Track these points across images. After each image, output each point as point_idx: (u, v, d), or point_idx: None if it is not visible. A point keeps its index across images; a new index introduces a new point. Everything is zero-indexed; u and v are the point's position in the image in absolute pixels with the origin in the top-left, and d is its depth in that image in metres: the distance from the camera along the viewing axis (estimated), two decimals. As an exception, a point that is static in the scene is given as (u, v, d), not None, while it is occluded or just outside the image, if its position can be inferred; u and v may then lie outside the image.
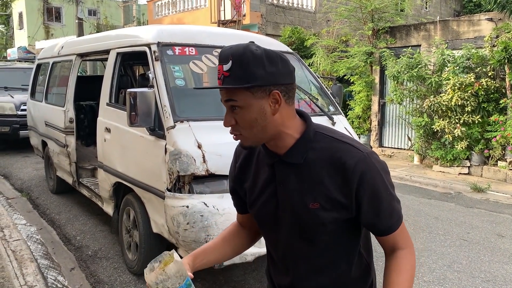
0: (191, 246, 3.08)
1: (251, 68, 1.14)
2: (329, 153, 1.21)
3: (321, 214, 1.21)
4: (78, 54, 5.34)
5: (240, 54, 1.14)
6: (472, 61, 7.97)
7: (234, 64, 1.14)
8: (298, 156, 1.23)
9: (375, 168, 1.20)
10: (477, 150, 7.90)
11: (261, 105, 1.17)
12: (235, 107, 1.18)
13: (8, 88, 10.15)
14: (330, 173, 1.20)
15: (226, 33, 4.48)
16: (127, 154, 3.84)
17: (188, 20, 14.43)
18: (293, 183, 1.25)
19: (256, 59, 1.14)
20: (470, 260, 4.31)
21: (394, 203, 1.25)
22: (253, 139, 1.22)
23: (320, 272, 1.31)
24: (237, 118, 1.19)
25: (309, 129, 1.25)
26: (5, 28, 34.55)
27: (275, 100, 1.17)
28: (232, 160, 1.45)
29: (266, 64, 1.15)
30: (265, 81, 1.15)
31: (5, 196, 6.29)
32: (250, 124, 1.18)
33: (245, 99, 1.16)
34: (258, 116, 1.18)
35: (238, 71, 1.14)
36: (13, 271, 3.67)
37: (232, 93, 1.17)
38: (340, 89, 4.69)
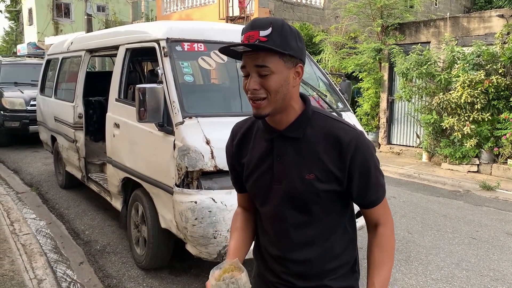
0: (199, 242, 3.10)
1: (289, 38, 1.25)
2: (325, 130, 1.32)
3: (316, 184, 1.31)
4: (87, 50, 5.36)
5: (280, 24, 1.25)
6: (483, 58, 7.89)
7: (274, 32, 1.23)
8: (298, 131, 1.33)
9: (366, 145, 1.32)
10: (486, 148, 7.84)
11: (288, 74, 1.27)
12: (265, 73, 1.24)
13: (18, 83, 10.23)
14: (325, 147, 1.31)
15: (235, 29, 4.47)
16: (135, 149, 3.86)
17: (196, 16, 14.43)
18: (291, 156, 1.34)
19: (292, 32, 1.27)
20: (479, 259, 4.28)
21: (380, 178, 1.37)
22: (274, 105, 1.28)
23: (310, 244, 1.38)
24: (264, 83, 1.26)
25: (308, 108, 1.35)
26: (15, 24, 34.79)
27: (297, 73, 1.30)
28: (229, 138, 1.52)
29: (297, 39, 1.28)
30: (296, 54, 1.27)
31: (15, 190, 6.36)
32: (276, 89, 1.26)
33: (278, 66, 1.25)
34: (284, 83, 1.27)
35: (277, 38, 1.23)
36: (23, 265, 3.71)
37: (266, 58, 1.24)
38: (349, 86, 4.67)
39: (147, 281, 3.69)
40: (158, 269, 3.84)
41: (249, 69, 1.26)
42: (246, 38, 1.24)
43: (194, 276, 3.78)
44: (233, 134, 1.51)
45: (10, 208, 5.25)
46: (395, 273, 3.93)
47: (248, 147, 1.45)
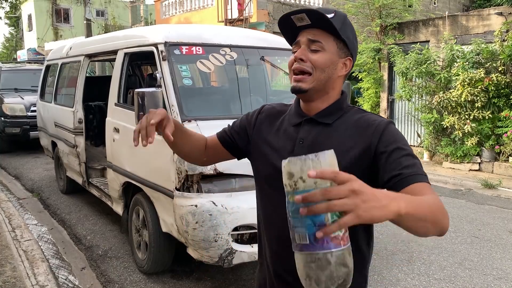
0: (200, 245, 3.09)
1: (348, 29, 1.28)
2: (355, 119, 1.30)
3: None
4: (86, 55, 5.36)
5: (343, 15, 1.29)
6: (482, 56, 7.89)
7: (336, 17, 1.25)
8: (329, 117, 1.31)
9: (397, 131, 1.26)
10: (487, 146, 7.82)
11: (337, 59, 1.28)
12: (317, 49, 1.25)
13: (18, 89, 10.25)
14: (353, 134, 1.26)
15: (233, 32, 4.47)
16: (135, 154, 3.86)
17: (195, 19, 14.45)
18: (315, 140, 1.29)
19: (351, 27, 1.31)
20: (482, 258, 4.27)
21: (416, 162, 1.18)
22: (317, 82, 1.27)
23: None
24: (312, 58, 1.25)
25: (343, 100, 1.34)
26: (15, 30, 34.89)
27: (345, 64, 1.30)
28: (255, 111, 1.49)
29: (353, 35, 1.32)
30: (350, 45, 1.29)
31: (16, 196, 6.36)
32: (322, 67, 1.26)
33: (330, 46, 1.26)
34: (331, 65, 1.27)
35: (339, 23, 1.24)
36: (24, 271, 3.70)
37: (322, 35, 1.25)
38: (348, 86, 4.65)
39: (149, 286, 3.68)
40: (160, 273, 3.83)
41: (302, 42, 1.27)
42: (308, 13, 1.24)
43: (196, 279, 3.78)
44: (260, 110, 1.48)
45: (12, 214, 5.24)
46: (398, 273, 3.92)
47: (271, 127, 1.40)
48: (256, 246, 1.48)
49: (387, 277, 3.85)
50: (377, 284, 3.73)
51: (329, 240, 0.88)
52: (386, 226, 5.13)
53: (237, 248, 3.11)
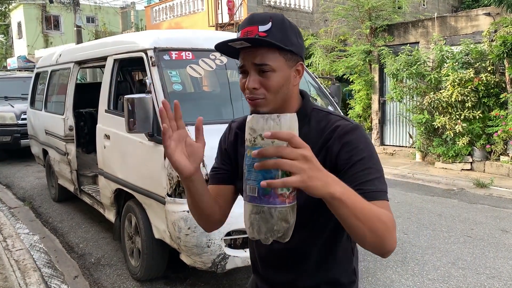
0: (192, 251, 3.08)
1: (289, 34, 1.17)
2: (322, 124, 1.23)
3: None
4: (76, 62, 5.34)
5: (281, 19, 1.17)
6: (471, 56, 7.95)
7: (274, 27, 1.15)
8: None
9: (363, 138, 1.18)
10: (479, 145, 7.88)
11: (288, 73, 1.20)
12: (265, 70, 1.16)
13: (8, 97, 10.18)
14: (320, 141, 1.20)
15: (223, 36, 4.47)
16: (126, 160, 3.84)
17: (186, 24, 14.44)
18: None
19: (292, 28, 1.19)
20: (475, 257, 4.29)
21: (381, 178, 1.15)
22: (273, 104, 1.20)
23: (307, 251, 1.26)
24: (264, 82, 1.17)
25: (306, 105, 1.27)
26: (4, 38, 34.66)
27: (297, 71, 1.22)
28: (225, 132, 1.43)
29: (297, 35, 1.20)
30: (297, 50, 1.19)
31: (8, 205, 6.30)
32: (277, 89, 1.18)
33: (279, 63, 1.17)
34: (285, 83, 1.19)
35: (277, 33, 1.15)
36: (16, 281, 3.66)
37: (266, 55, 1.15)
38: (339, 89, 4.68)
39: (142, 293, 3.66)
40: (153, 280, 3.80)
41: (247, 67, 1.18)
42: (244, 34, 1.16)
43: (190, 285, 3.76)
44: (229, 128, 1.43)
45: (3, 224, 5.19)
46: (392, 274, 3.93)
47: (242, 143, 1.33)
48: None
49: (381, 279, 3.85)
50: (371, 286, 3.73)
51: (276, 197, 0.95)
52: (379, 227, 5.14)
53: (230, 253, 3.10)
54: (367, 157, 1.15)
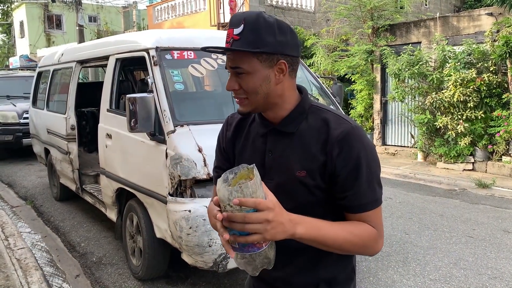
0: (194, 250, 3.08)
1: (262, 34, 1.16)
2: (319, 123, 1.23)
3: (307, 181, 1.21)
4: (78, 61, 5.35)
5: (253, 19, 1.16)
6: (473, 56, 7.94)
7: (245, 28, 1.15)
8: (292, 125, 1.25)
9: (360, 141, 1.19)
10: (480, 145, 7.86)
11: (267, 73, 1.19)
12: (240, 73, 1.19)
13: (10, 96, 10.20)
14: (317, 140, 1.21)
15: (225, 36, 4.47)
16: (128, 159, 3.84)
17: (188, 23, 14.44)
18: (283, 151, 1.26)
19: (268, 26, 1.17)
20: (476, 257, 4.28)
21: (374, 183, 1.21)
22: (255, 105, 1.23)
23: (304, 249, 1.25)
24: (241, 84, 1.21)
25: (304, 101, 1.28)
26: (6, 37, 34.72)
27: (280, 70, 1.20)
28: (222, 128, 1.45)
29: (276, 33, 1.17)
30: (274, 49, 1.17)
31: (10, 204, 6.31)
32: (254, 90, 1.20)
33: (252, 65, 1.18)
34: (262, 83, 1.20)
35: (249, 35, 1.15)
36: (18, 280, 3.67)
37: (239, 58, 1.18)
38: (341, 89, 4.67)
39: (144, 292, 3.66)
40: (154, 279, 3.81)
41: (228, 69, 1.23)
42: (226, 36, 1.20)
43: (191, 285, 3.76)
44: (227, 123, 1.44)
45: (5, 223, 5.20)
46: (393, 274, 3.92)
47: (240, 139, 1.37)
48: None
49: (383, 279, 3.84)
50: (372, 286, 3.73)
51: (253, 245, 1.09)
52: (381, 227, 5.13)
53: (232, 252, 3.10)
54: (362, 165, 1.18)
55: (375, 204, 1.21)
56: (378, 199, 1.21)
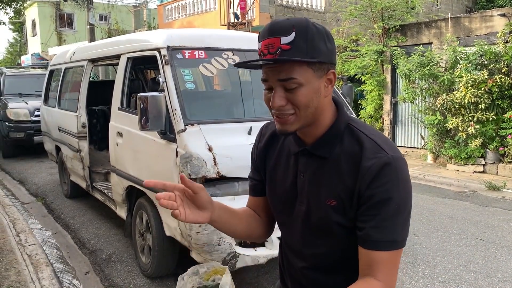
0: (203, 249, 3.09)
1: (316, 41, 1.05)
2: (355, 148, 1.11)
3: (335, 212, 1.12)
4: (89, 60, 5.39)
5: (305, 26, 1.05)
6: (485, 57, 7.87)
7: (298, 37, 1.03)
8: (326, 149, 1.14)
9: (395, 175, 1.06)
10: (491, 147, 7.79)
11: (318, 84, 1.08)
12: (292, 86, 1.06)
13: (22, 94, 10.31)
14: (350, 169, 1.10)
15: (235, 36, 4.49)
16: (139, 158, 3.87)
17: (198, 23, 14.49)
18: (315, 175, 1.16)
19: (319, 33, 1.06)
20: (487, 260, 4.25)
21: (397, 223, 1.07)
22: (303, 121, 1.10)
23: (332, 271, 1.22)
24: (292, 98, 1.07)
25: (340, 119, 1.15)
26: (19, 36, 35.08)
27: (329, 80, 1.11)
28: (256, 139, 1.37)
29: (327, 39, 1.08)
30: (326, 58, 1.08)
31: (21, 201, 6.38)
32: (306, 104, 1.07)
33: (306, 76, 1.06)
34: (314, 96, 1.08)
35: (303, 44, 1.03)
36: (29, 275, 3.71)
37: (291, 69, 1.05)
38: (351, 89, 4.66)
39: (153, 290, 3.68)
40: (163, 277, 3.83)
41: (272, 82, 1.08)
42: (265, 47, 1.05)
43: (200, 283, 3.77)
44: (260, 134, 1.35)
45: (16, 219, 5.26)
46: (402, 276, 3.91)
47: (275, 151, 1.29)
48: (259, 249, 1.48)
49: None
50: (381, 287, 3.71)
51: None
52: (390, 228, 5.11)
53: (241, 251, 3.11)
54: (389, 200, 1.06)
55: (392, 246, 1.06)
56: (397, 241, 1.07)
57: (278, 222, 1.34)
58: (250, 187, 1.40)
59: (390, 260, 1.07)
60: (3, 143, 9.90)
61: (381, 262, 1.06)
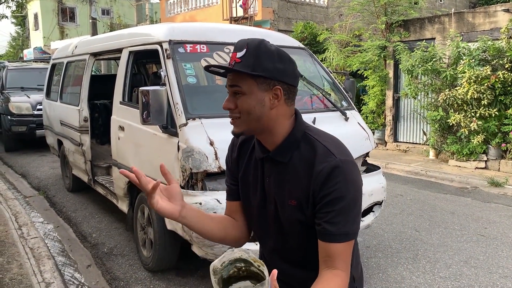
0: (204, 243, 3.10)
1: (262, 59, 1.23)
2: (309, 154, 1.26)
3: (297, 211, 1.28)
4: (91, 54, 5.38)
5: (255, 45, 1.23)
6: (488, 53, 7.82)
7: (247, 52, 1.23)
8: (284, 155, 1.30)
9: (344, 176, 1.21)
10: (494, 143, 7.77)
11: (262, 96, 1.25)
12: (238, 93, 1.25)
13: (24, 88, 10.31)
14: (306, 172, 1.25)
15: (237, 30, 4.47)
16: (140, 151, 3.87)
17: (200, 17, 14.45)
18: (277, 179, 1.32)
19: (268, 53, 1.23)
20: (488, 256, 4.25)
21: (349, 218, 1.22)
22: (247, 126, 1.28)
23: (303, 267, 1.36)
24: (238, 103, 1.26)
25: (296, 128, 1.31)
26: (21, 29, 35.07)
27: (275, 95, 1.26)
28: (229, 149, 1.52)
29: (275, 60, 1.24)
30: (271, 75, 1.23)
31: (23, 194, 6.40)
32: (248, 110, 1.25)
33: (249, 86, 1.24)
34: (256, 105, 1.25)
35: (250, 59, 1.22)
36: (31, 268, 3.73)
37: (239, 78, 1.24)
38: (353, 84, 4.65)
39: (154, 283, 3.69)
40: (165, 271, 3.84)
41: (228, 88, 1.29)
42: (230, 59, 1.27)
43: (201, 277, 3.79)
44: (232, 144, 1.51)
45: (18, 212, 5.28)
46: (403, 271, 3.91)
47: (243, 160, 1.44)
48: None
49: (392, 275, 3.84)
50: (382, 282, 3.73)
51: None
52: (391, 224, 5.12)
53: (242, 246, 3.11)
54: (340, 198, 1.20)
55: (346, 238, 1.22)
56: (349, 233, 1.22)
57: (252, 224, 1.48)
58: (227, 192, 1.53)
59: (345, 251, 1.23)
60: (5, 136, 9.92)
61: (338, 253, 1.22)
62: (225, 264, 1.09)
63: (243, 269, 1.12)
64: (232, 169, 1.49)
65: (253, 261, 1.08)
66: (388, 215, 5.40)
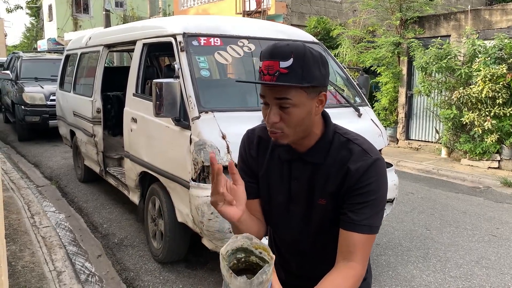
0: (215, 236, 3.11)
1: (312, 68, 1.16)
2: (342, 154, 1.26)
3: (326, 210, 1.28)
4: (105, 45, 5.40)
5: (302, 53, 1.15)
6: (505, 51, 7.70)
7: (295, 62, 1.14)
8: (318, 156, 1.28)
9: (378, 174, 1.23)
10: (508, 143, 7.67)
11: (310, 105, 1.21)
12: (286, 105, 1.18)
13: (38, 78, 10.40)
14: (339, 171, 1.25)
15: (251, 24, 4.45)
16: (152, 144, 3.89)
17: (213, 11, 14.43)
18: (308, 179, 1.30)
19: (314, 59, 1.17)
20: (499, 256, 4.20)
21: (375, 212, 1.23)
22: (294, 137, 1.24)
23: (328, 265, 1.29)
24: (285, 116, 1.19)
25: (328, 129, 1.30)
26: (35, 20, 35.34)
27: (320, 101, 1.23)
28: (241, 146, 1.45)
29: (320, 66, 1.19)
30: (319, 82, 1.19)
31: (36, 184, 6.47)
32: (298, 123, 1.20)
33: (300, 98, 1.18)
34: (306, 115, 1.21)
35: (298, 69, 1.14)
36: (42, 257, 3.78)
37: (287, 91, 1.16)
38: (367, 80, 4.61)
39: (163, 275, 3.72)
40: (174, 262, 3.87)
41: (268, 100, 1.20)
42: (265, 68, 1.16)
43: (210, 270, 3.80)
44: (248, 141, 1.43)
45: (31, 201, 5.34)
46: (413, 270, 3.89)
47: (264, 158, 1.38)
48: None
49: (402, 273, 3.82)
50: (391, 280, 3.71)
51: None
52: (401, 222, 5.08)
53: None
54: (371, 192, 1.22)
55: (368, 230, 1.22)
56: (372, 227, 1.23)
57: (272, 223, 1.44)
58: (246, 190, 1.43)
59: (365, 244, 1.22)
60: (19, 126, 10.03)
61: (357, 244, 1.21)
62: (229, 253, 1.08)
63: (242, 260, 1.11)
64: (251, 166, 1.42)
65: (255, 248, 1.07)
66: (399, 213, 5.37)
